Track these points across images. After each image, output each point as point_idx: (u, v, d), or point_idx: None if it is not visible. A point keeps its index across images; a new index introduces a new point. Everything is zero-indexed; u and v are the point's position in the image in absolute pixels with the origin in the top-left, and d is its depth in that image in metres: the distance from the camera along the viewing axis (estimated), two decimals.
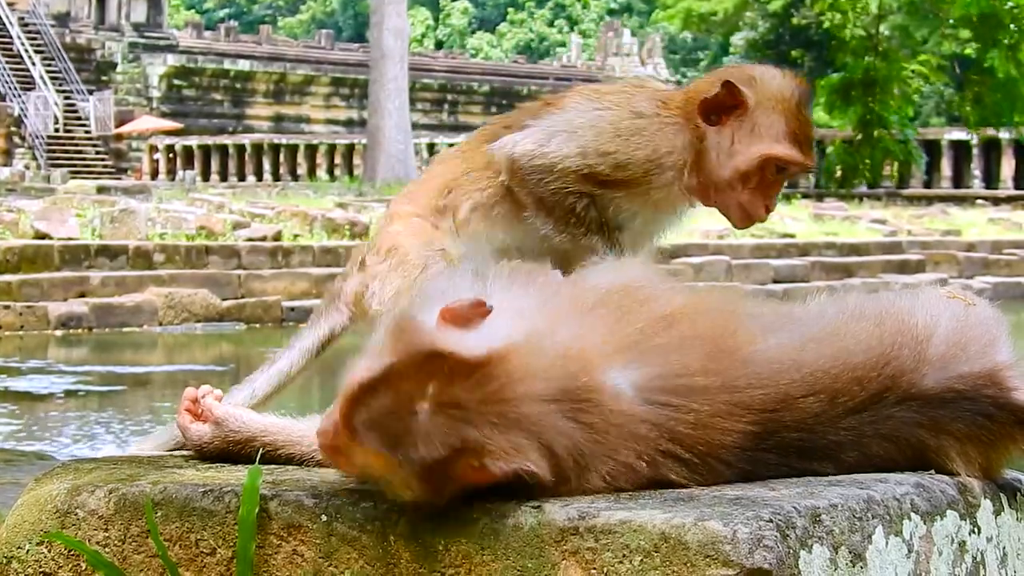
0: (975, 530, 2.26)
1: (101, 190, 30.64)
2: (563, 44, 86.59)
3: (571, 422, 2.03)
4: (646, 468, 2.09)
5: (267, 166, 49.18)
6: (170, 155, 51.57)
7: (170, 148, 51.53)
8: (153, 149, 51.96)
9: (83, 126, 51.19)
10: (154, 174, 50.27)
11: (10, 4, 52.91)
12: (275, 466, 2.44)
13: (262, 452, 2.47)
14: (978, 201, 39.24)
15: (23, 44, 51.70)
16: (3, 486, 4.50)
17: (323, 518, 2.12)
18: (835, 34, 41.44)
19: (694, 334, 2.16)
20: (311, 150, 49.28)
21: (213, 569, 2.19)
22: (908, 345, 2.23)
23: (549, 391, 2.01)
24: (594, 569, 1.94)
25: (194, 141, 51.16)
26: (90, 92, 51.75)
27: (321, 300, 2.94)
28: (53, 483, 2.36)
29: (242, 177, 48.27)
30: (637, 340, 2.13)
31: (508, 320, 2.05)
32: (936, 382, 2.22)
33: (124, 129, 51.48)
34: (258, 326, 18.28)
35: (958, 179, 43.28)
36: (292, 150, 49.36)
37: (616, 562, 1.93)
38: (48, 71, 51.46)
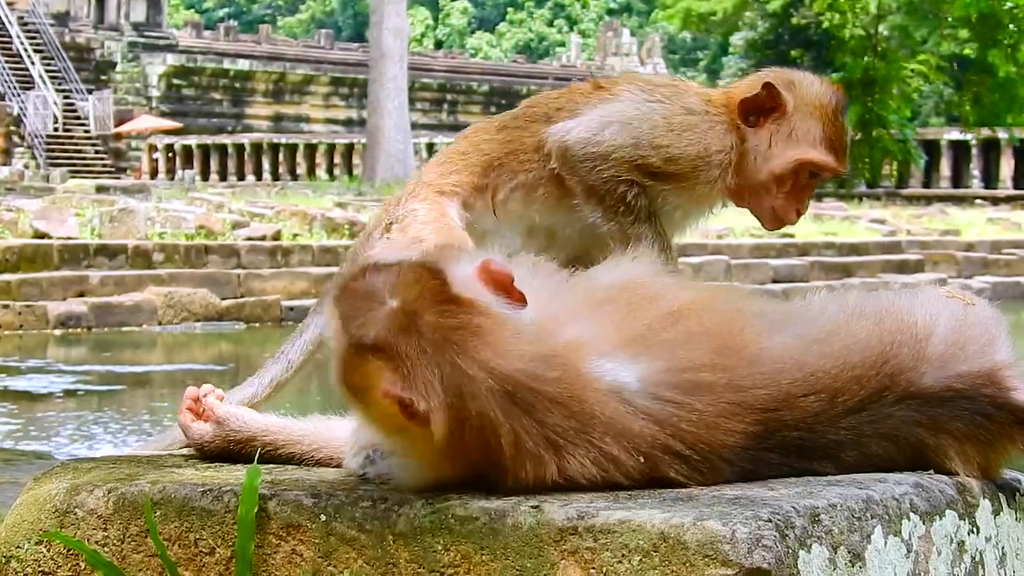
0: (974, 530, 2.26)
1: (100, 189, 30.62)
2: (562, 44, 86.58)
3: (543, 407, 2.03)
4: (643, 463, 2.09)
5: (266, 165, 49.16)
6: (169, 154, 51.55)
7: (169, 147, 51.51)
8: (152, 148, 51.94)
9: (82, 125, 51.16)
10: (153, 173, 50.24)
11: (9, 3, 52.89)
12: (274, 466, 2.45)
13: (263, 451, 2.47)
14: (977, 201, 39.25)
15: (22, 43, 51.68)
16: (2, 485, 4.50)
17: (322, 518, 2.12)
18: (834, 34, 41.44)
19: (701, 330, 2.17)
20: (310, 149, 49.26)
21: (212, 569, 2.19)
22: (907, 344, 2.23)
23: (518, 373, 2.02)
24: (593, 569, 1.94)
25: (193, 140, 51.14)
26: (89, 91, 51.72)
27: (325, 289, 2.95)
28: (52, 482, 2.36)
29: (241, 176, 48.24)
30: (644, 335, 2.14)
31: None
32: (935, 381, 2.22)
33: (123, 128, 51.46)
34: (257, 325, 18.28)
35: (957, 179, 43.28)
36: (291, 149, 49.33)
37: (615, 562, 1.93)
38: (47, 70, 51.44)
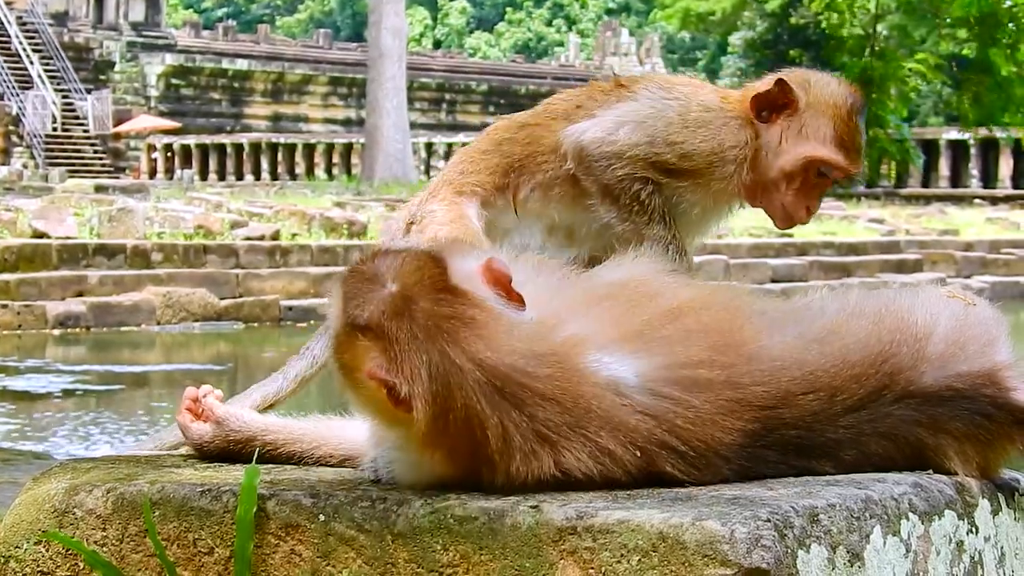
0: (973, 530, 2.26)
1: (99, 189, 30.62)
2: (561, 44, 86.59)
3: (534, 401, 2.04)
4: (639, 458, 2.09)
5: (265, 165, 49.15)
6: (168, 154, 51.54)
7: (168, 147, 51.50)
8: (151, 148, 51.92)
9: (81, 125, 51.16)
10: (152, 173, 50.23)
11: (8, 3, 52.88)
12: (273, 465, 2.45)
13: (263, 451, 2.47)
14: (976, 200, 39.26)
15: (21, 43, 51.67)
16: (1, 485, 4.50)
17: (321, 518, 2.12)
18: (832, 34, 41.44)
19: (700, 327, 2.18)
20: (309, 149, 49.24)
21: (211, 568, 2.19)
22: (907, 343, 2.23)
23: (507, 367, 2.03)
24: (592, 569, 1.94)
25: (192, 140, 51.13)
26: (88, 91, 51.71)
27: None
28: (51, 482, 2.36)
29: (240, 176, 48.23)
30: (643, 331, 2.15)
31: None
32: (935, 380, 2.22)
33: (122, 128, 51.45)
34: (256, 325, 18.27)
35: (956, 179, 43.29)
36: (290, 149, 49.32)
37: (614, 562, 1.93)
38: (46, 70, 51.43)
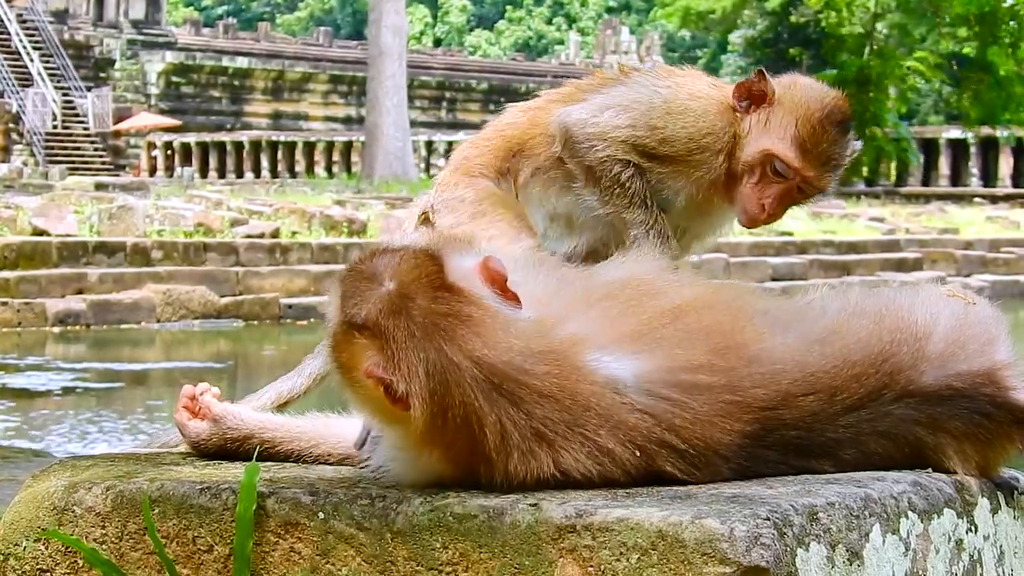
0: (972, 528, 2.26)
1: (99, 187, 30.63)
2: (561, 42, 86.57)
3: (532, 399, 2.04)
4: (639, 457, 2.09)
5: (265, 163, 49.14)
6: (168, 152, 51.54)
7: (168, 145, 51.50)
8: (151, 146, 51.92)
9: (81, 123, 51.15)
10: (152, 171, 50.23)
11: (8, 1, 52.87)
12: (272, 463, 2.44)
13: (260, 449, 2.47)
14: (976, 199, 39.27)
15: (21, 41, 51.65)
16: (0, 483, 4.50)
17: (320, 515, 2.12)
18: (832, 32, 41.42)
19: (700, 328, 2.17)
20: (309, 147, 49.23)
21: (210, 566, 2.19)
22: (907, 343, 2.23)
23: (504, 364, 2.04)
24: (591, 567, 1.94)
25: (192, 138, 51.13)
26: (88, 89, 51.71)
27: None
28: (50, 480, 2.36)
29: (240, 174, 48.22)
30: (643, 331, 2.14)
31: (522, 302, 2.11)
32: (935, 380, 2.22)
33: (122, 126, 51.44)
34: (256, 323, 18.28)
35: (956, 177, 43.30)
36: (290, 147, 49.31)
37: (613, 560, 1.93)
38: (46, 68, 51.42)
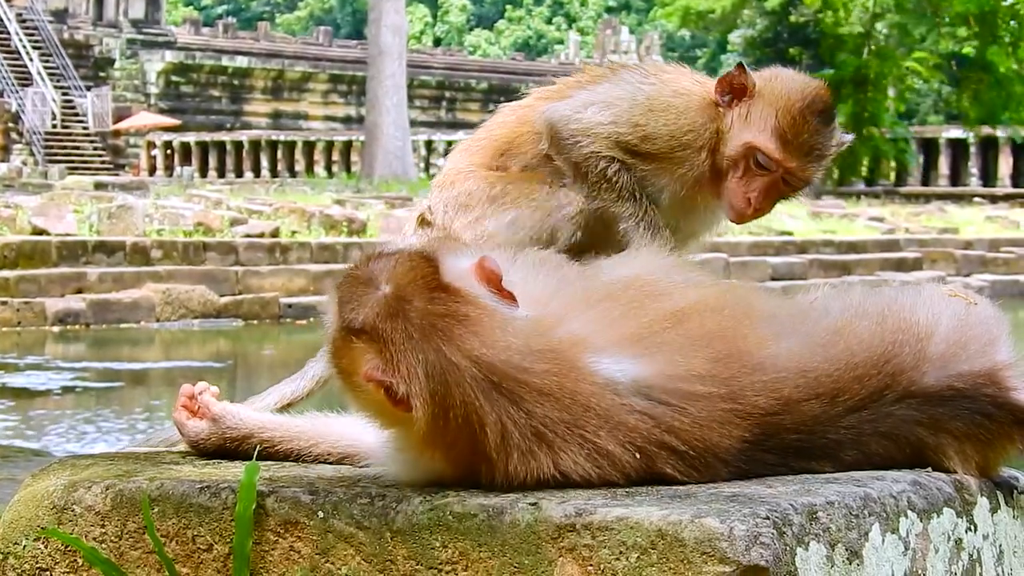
0: (971, 528, 2.26)
1: (99, 186, 30.60)
2: (561, 41, 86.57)
3: (532, 398, 2.04)
4: (638, 459, 2.09)
5: (265, 163, 49.14)
6: (168, 151, 51.53)
7: (168, 144, 51.50)
8: (151, 145, 51.91)
9: (81, 122, 51.15)
10: (152, 170, 50.23)
11: (8, 0, 52.86)
12: (272, 462, 2.44)
13: (260, 448, 2.47)
14: (976, 199, 39.27)
15: (21, 40, 51.64)
16: (0, 482, 4.50)
17: (320, 515, 2.12)
18: (831, 32, 41.43)
19: (702, 333, 2.16)
20: (309, 147, 49.22)
21: (210, 565, 2.19)
22: (909, 343, 2.23)
23: (503, 363, 2.03)
24: (591, 566, 1.94)
25: (192, 137, 51.12)
26: (88, 88, 51.70)
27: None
28: (50, 479, 2.36)
29: (240, 173, 48.21)
30: (643, 335, 2.13)
31: (521, 302, 2.11)
32: (936, 380, 2.22)
33: (122, 125, 51.44)
34: (256, 322, 18.27)
35: (956, 177, 43.30)
36: (290, 147, 49.30)
37: (613, 559, 1.93)
38: (46, 67, 51.41)
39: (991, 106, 39.69)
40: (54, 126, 50.23)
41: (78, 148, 50.42)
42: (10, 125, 49.28)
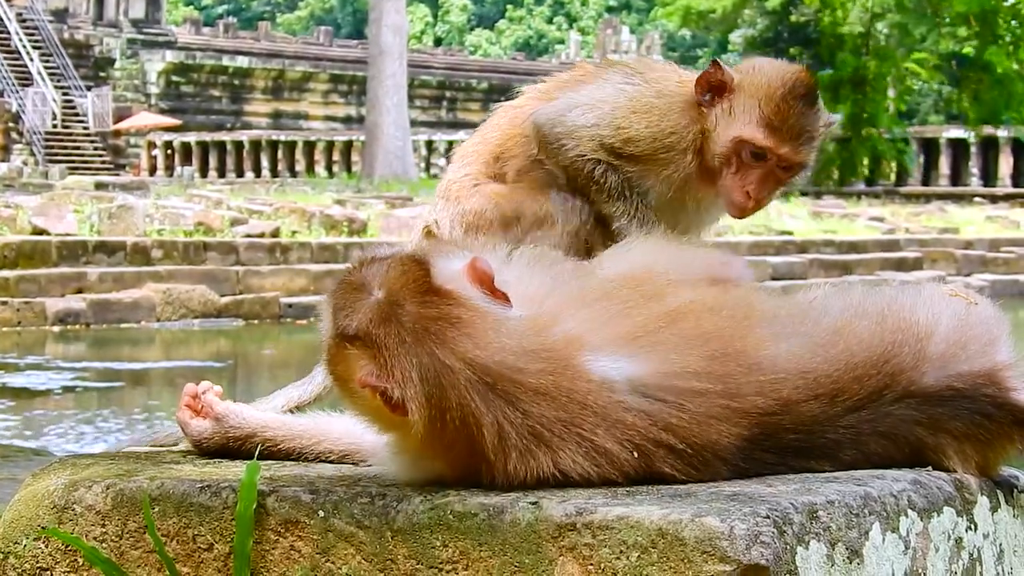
0: (972, 527, 2.27)
1: (99, 186, 30.59)
2: (562, 41, 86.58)
3: (528, 398, 2.04)
4: (636, 458, 2.09)
5: (265, 162, 49.14)
6: (168, 151, 51.54)
7: (168, 144, 51.50)
8: (151, 145, 51.92)
9: (81, 122, 51.15)
10: (152, 170, 50.23)
11: (8, 0, 52.85)
12: (273, 462, 2.45)
13: (262, 448, 2.47)
14: (976, 199, 39.26)
15: (21, 40, 51.65)
16: (0, 482, 4.50)
17: (320, 514, 2.12)
18: (830, 32, 41.44)
19: (699, 333, 2.16)
20: (309, 146, 49.22)
21: (210, 565, 2.19)
22: (908, 343, 2.23)
23: (497, 364, 2.04)
24: (591, 565, 1.94)
25: (192, 137, 51.12)
26: (88, 88, 51.70)
27: None
28: (50, 478, 2.36)
29: (240, 173, 48.21)
30: (638, 334, 2.13)
31: (515, 302, 2.10)
32: (935, 380, 2.22)
33: (122, 125, 51.44)
34: (256, 322, 18.27)
35: (956, 177, 43.28)
36: (290, 146, 49.30)
37: (613, 558, 1.93)
38: (46, 67, 51.41)
39: (991, 106, 39.71)
40: (54, 126, 50.23)
41: (78, 148, 50.42)
42: (10, 125, 49.28)
